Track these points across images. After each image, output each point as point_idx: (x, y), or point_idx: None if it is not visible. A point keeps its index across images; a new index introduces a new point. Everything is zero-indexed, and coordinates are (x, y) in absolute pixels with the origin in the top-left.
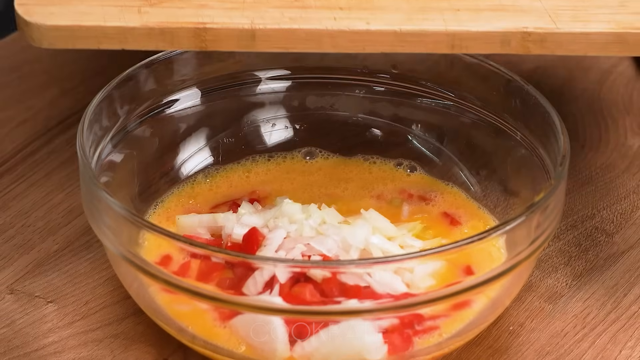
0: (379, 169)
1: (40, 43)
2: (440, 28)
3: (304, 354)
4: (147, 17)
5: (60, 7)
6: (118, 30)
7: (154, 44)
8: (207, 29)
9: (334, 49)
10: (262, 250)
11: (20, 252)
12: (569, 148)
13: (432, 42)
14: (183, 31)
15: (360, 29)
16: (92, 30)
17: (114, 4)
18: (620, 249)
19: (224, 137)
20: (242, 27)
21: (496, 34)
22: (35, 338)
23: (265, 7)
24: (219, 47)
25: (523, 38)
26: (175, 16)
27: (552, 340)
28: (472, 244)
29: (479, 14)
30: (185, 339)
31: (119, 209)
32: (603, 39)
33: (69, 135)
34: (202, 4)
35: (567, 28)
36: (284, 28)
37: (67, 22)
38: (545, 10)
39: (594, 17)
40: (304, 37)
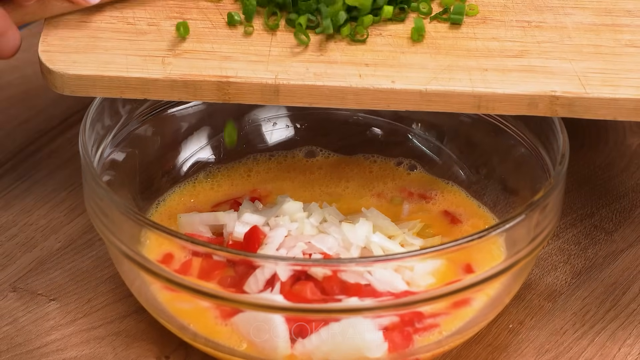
0: (379, 168)
1: (63, 90)
2: (466, 89)
3: (305, 351)
4: (170, 68)
5: (83, 55)
6: (141, 81)
7: (177, 95)
8: (231, 82)
9: (358, 106)
10: (263, 248)
11: (22, 250)
12: (568, 147)
13: (457, 102)
14: (206, 84)
15: (385, 87)
16: (114, 80)
17: (138, 54)
18: (619, 247)
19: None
20: (265, 82)
21: (524, 97)
22: (37, 336)
23: (290, 60)
24: (242, 100)
25: (551, 102)
26: (198, 68)
27: (551, 338)
28: (472, 243)
29: (506, 74)
30: (186, 337)
31: (121, 208)
32: (632, 105)
33: (71, 134)
34: (227, 55)
35: (596, 93)
36: (307, 84)
37: (90, 71)
38: (575, 72)
39: (624, 82)
40: (327, 93)
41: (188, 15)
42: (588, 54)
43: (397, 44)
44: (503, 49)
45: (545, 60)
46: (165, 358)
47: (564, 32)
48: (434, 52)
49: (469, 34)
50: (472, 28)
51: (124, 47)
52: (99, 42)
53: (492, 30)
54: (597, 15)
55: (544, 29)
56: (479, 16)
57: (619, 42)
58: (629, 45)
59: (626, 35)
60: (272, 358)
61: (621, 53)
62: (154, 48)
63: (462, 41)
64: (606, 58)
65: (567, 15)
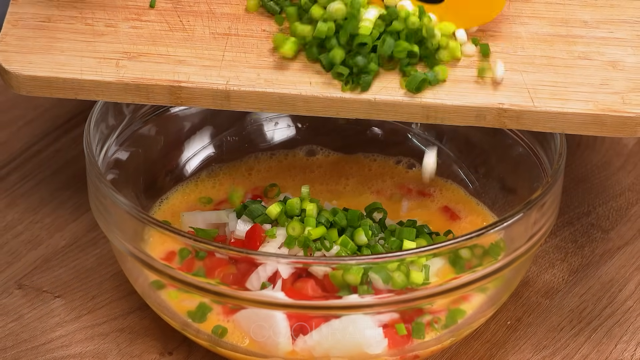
0: (378, 166)
1: (19, 90)
2: (415, 100)
3: (306, 348)
4: (124, 71)
5: (40, 56)
6: (94, 83)
7: (130, 98)
8: (182, 87)
9: (307, 113)
10: (264, 246)
11: (28, 247)
12: (565, 146)
13: (406, 112)
14: (158, 88)
15: (335, 96)
16: (68, 82)
17: (93, 56)
18: (615, 245)
19: (227, 136)
20: (216, 88)
21: (471, 109)
22: (42, 332)
23: (243, 66)
24: (194, 104)
25: (499, 114)
26: (151, 72)
27: (548, 335)
28: (470, 241)
29: (456, 85)
30: (189, 333)
31: (124, 206)
32: (580, 119)
33: (75, 134)
34: (181, 59)
35: (544, 107)
36: (258, 91)
37: (45, 73)
38: (525, 85)
39: (573, 96)
40: (278, 100)
41: (146, 17)
42: (540, 65)
43: None
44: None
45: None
46: (168, 354)
47: (517, 42)
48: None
49: None
50: None
51: (80, 49)
52: (56, 43)
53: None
54: (553, 25)
55: (497, 39)
56: None
57: (572, 54)
58: (581, 57)
59: (579, 46)
60: (274, 354)
61: (573, 65)
62: (110, 50)
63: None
64: (558, 70)
65: (523, 25)
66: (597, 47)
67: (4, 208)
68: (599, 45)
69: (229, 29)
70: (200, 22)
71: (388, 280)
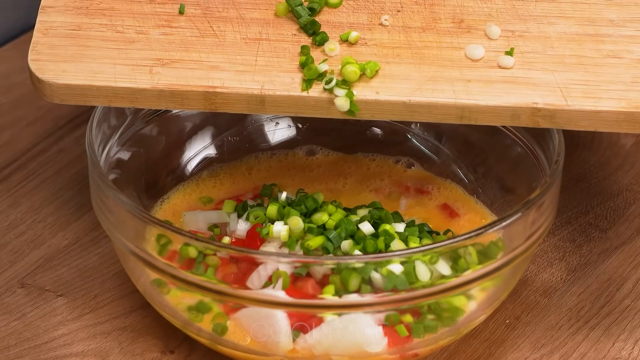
0: (377, 165)
1: (52, 99)
2: (449, 100)
3: (306, 346)
4: (157, 77)
5: (72, 64)
6: (129, 90)
7: (165, 104)
8: (217, 92)
9: (342, 116)
10: (265, 245)
11: (31, 247)
12: (563, 146)
13: (441, 113)
14: (193, 94)
15: (370, 98)
16: (103, 90)
17: (126, 63)
18: (613, 245)
19: (228, 136)
20: (251, 93)
21: (506, 109)
22: (45, 330)
23: (277, 70)
24: (229, 109)
25: (533, 113)
26: (185, 78)
27: (547, 333)
28: (469, 240)
29: (489, 86)
30: (191, 332)
31: (126, 206)
32: (614, 117)
33: (78, 134)
34: (214, 65)
35: (578, 105)
36: (293, 95)
37: (79, 81)
38: (557, 84)
39: (605, 94)
40: (312, 104)
41: (176, 23)
42: (570, 64)
43: (381, 54)
44: (486, 59)
45: (528, 71)
46: (170, 352)
47: (547, 42)
48: (418, 62)
49: (453, 43)
50: (456, 38)
51: (113, 56)
52: (88, 51)
53: (475, 40)
54: (580, 25)
55: (527, 39)
56: (464, 25)
57: (601, 53)
58: (610, 56)
59: (608, 45)
60: (275, 353)
61: (603, 64)
62: (142, 57)
63: (446, 51)
64: (588, 69)
65: (551, 25)
66: (625, 45)
67: (6, 208)
68: (627, 44)
69: (260, 33)
70: (231, 28)
71: (390, 284)
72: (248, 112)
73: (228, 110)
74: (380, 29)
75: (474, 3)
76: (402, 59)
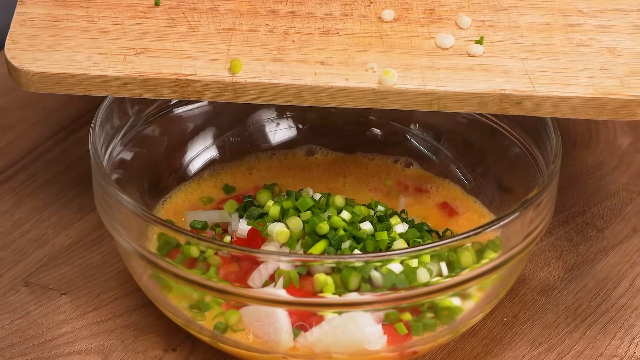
0: (376, 165)
1: (28, 87)
2: (418, 87)
3: (307, 344)
4: (131, 66)
5: (48, 53)
6: (102, 78)
7: (138, 92)
8: (189, 80)
9: (313, 103)
10: (266, 244)
11: (35, 246)
12: (561, 147)
13: (409, 100)
14: (165, 82)
15: (339, 85)
16: (77, 78)
17: (100, 52)
18: (610, 244)
19: (230, 136)
20: (223, 80)
21: (474, 95)
22: (49, 329)
23: (248, 59)
24: (201, 97)
25: (501, 100)
26: (158, 66)
27: (544, 331)
28: (467, 240)
29: (458, 73)
30: (192, 330)
31: (129, 205)
32: (580, 103)
33: (81, 135)
34: (187, 54)
35: (545, 91)
36: (264, 82)
37: (53, 69)
38: (526, 71)
39: (573, 80)
40: (283, 91)
41: (151, 14)
42: (540, 53)
43: (353, 42)
44: (456, 48)
45: (497, 59)
46: (172, 350)
47: (517, 31)
48: (388, 51)
49: (423, 33)
50: (427, 27)
51: (88, 46)
52: (64, 41)
53: (446, 29)
54: (551, 15)
55: (497, 29)
56: (435, 15)
57: (570, 42)
58: (579, 44)
59: (577, 34)
60: (276, 350)
61: (572, 52)
62: (117, 46)
63: (417, 40)
64: (557, 57)
65: (521, 15)
66: (594, 35)
67: (11, 207)
68: (597, 33)
69: (234, 24)
70: (205, 19)
71: (389, 282)
72: (220, 100)
73: (200, 98)
74: (352, 19)
75: None
76: (373, 47)
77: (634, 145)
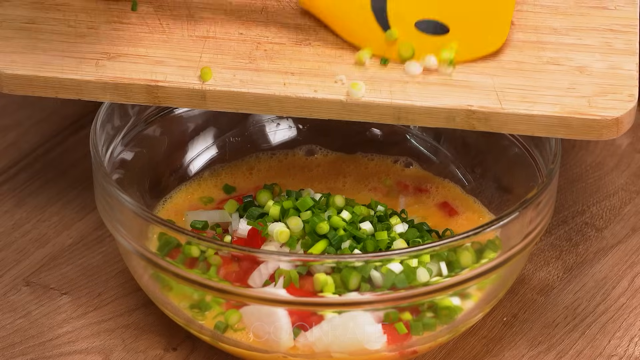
0: (375, 165)
1: (1, 89)
2: (385, 100)
3: (307, 343)
4: (102, 70)
5: (22, 55)
6: (74, 82)
7: (109, 96)
8: (159, 86)
9: (281, 113)
10: (266, 244)
11: (36, 245)
12: (560, 147)
13: (377, 113)
14: (136, 87)
15: (307, 96)
16: (49, 80)
17: (74, 56)
18: (609, 244)
19: (230, 136)
20: (192, 87)
21: (441, 110)
22: (50, 328)
23: (219, 67)
24: (171, 103)
25: (467, 116)
26: (129, 71)
27: (544, 331)
28: (467, 239)
29: (427, 88)
30: (193, 329)
31: (130, 205)
32: (547, 122)
33: (82, 135)
34: (159, 60)
35: (512, 109)
36: (233, 91)
37: (26, 71)
38: (494, 88)
39: (541, 99)
40: (252, 100)
41: (127, 19)
42: (510, 70)
43: (324, 53)
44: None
45: (467, 75)
46: (172, 350)
47: None
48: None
49: None
50: None
51: (62, 49)
52: (39, 43)
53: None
54: (523, 32)
55: None
56: None
57: (541, 60)
58: (550, 62)
59: (549, 52)
60: (276, 350)
61: (542, 70)
62: (90, 51)
63: None
64: (527, 74)
65: None
66: (565, 53)
67: (12, 207)
68: (568, 52)
69: (207, 32)
70: (180, 26)
71: (389, 282)
72: (190, 107)
73: (171, 105)
74: (325, 30)
75: None
76: (344, 59)
77: (633, 146)
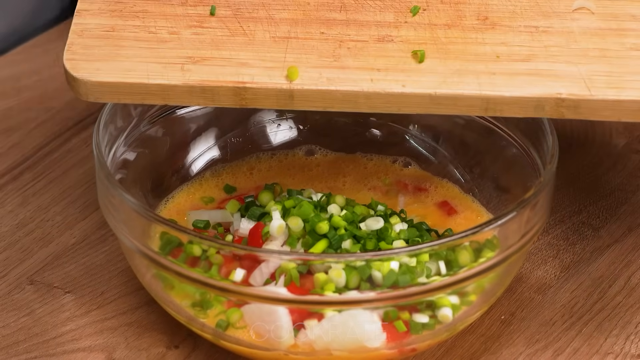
0: (374, 164)
1: (87, 97)
2: (474, 92)
3: (307, 341)
4: (189, 74)
5: (106, 63)
6: (161, 87)
7: (196, 100)
8: (247, 88)
9: (369, 110)
10: (267, 243)
11: (39, 245)
12: (557, 147)
13: (466, 105)
14: (223, 90)
15: (396, 91)
16: (136, 87)
17: (158, 61)
18: (605, 243)
19: (231, 137)
20: (280, 87)
21: (530, 100)
22: (53, 326)
23: (305, 66)
24: (259, 105)
25: (557, 104)
26: (216, 74)
27: (541, 329)
28: (465, 238)
29: (514, 78)
30: (195, 328)
31: (132, 205)
32: (636, 107)
33: (85, 135)
34: (243, 62)
35: (601, 95)
36: (321, 89)
37: (112, 79)
38: (581, 75)
39: (628, 84)
40: (340, 97)
41: (207, 24)
42: (594, 57)
43: (408, 49)
44: (511, 53)
45: (552, 64)
46: (174, 347)
47: (570, 36)
48: (443, 57)
49: (477, 39)
50: (481, 33)
51: (145, 55)
52: (122, 51)
53: (500, 35)
54: (603, 20)
55: (551, 34)
56: (488, 22)
57: (624, 46)
58: (633, 48)
59: (631, 39)
60: (277, 348)
61: (626, 56)
62: (174, 55)
63: (471, 46)
64: (611, 61)
65: (574, 21)
66: None
67: (16, 207)
68: None
69: (289, 32)
70: (261, 27)
71: (389, 280)
72: (277, 107)
73: (258, 106)
74: (406, 26)
75: (498, 1)
76: (428, 54)
77: (630, 146)
